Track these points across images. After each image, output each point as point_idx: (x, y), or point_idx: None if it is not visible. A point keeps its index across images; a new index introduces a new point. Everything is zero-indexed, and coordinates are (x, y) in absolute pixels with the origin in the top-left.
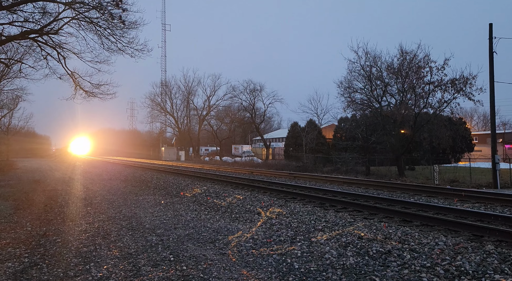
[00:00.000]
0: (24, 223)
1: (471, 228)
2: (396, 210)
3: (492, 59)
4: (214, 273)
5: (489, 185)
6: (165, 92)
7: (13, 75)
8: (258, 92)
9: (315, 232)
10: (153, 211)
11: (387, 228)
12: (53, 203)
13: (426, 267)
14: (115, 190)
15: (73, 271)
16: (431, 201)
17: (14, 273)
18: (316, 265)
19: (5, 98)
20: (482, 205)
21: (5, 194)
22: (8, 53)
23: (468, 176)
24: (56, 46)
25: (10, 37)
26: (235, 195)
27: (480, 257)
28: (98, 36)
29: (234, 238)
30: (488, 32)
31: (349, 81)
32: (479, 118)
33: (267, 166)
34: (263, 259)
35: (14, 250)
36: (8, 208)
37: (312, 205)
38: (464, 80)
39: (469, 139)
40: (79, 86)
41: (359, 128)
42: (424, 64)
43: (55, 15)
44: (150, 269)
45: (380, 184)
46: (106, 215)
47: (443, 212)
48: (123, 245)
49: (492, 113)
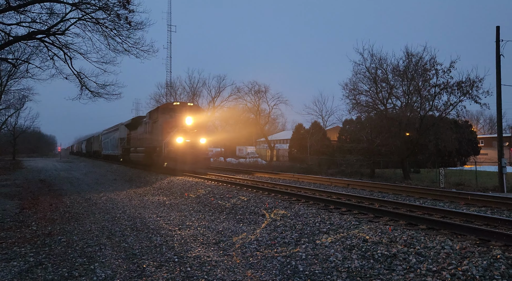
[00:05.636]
0: (30, 222)
1: (478, 232)
2: (402, 213)
3: (499, 62)
4: (218, 274)
5: (496, 189)
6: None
7: (20, 75)
8: (263, 93)
9: (320, 234)
10: (158, 211)
11: (393, 231)
12: (58, 203)
13: (432, 271)
14: (119, 190)
15: (78, 271)
16: (437, 204)
17: (19, 272)
18: (320, 267)
19: (12, 98)
20: (488, 209)
21: (11, 193)
22: (15, 53)
23: (474, 180)
24: (63, 47)
25: (17, 38)
26: (239, 196)
27: (487, 261)
28: (104, 36)
29: (238, 239)
30: (496, 35)
31: (354, 83)
32: (485, 121)
33: (271, 167)
34: (268, 261)
35: (20, 249)
36: (14, 207)
37: (316, 207)
38: (471, 83)
39: (475, 142)
40: (85, 86)
41: (364, 130)
42: (430, 67)
43: (62, 16)
44: (154, 269)
45: (385, 186)
46: (111, 215)
47: (449, 216)
48: (127, 246)
49: (499, 116)
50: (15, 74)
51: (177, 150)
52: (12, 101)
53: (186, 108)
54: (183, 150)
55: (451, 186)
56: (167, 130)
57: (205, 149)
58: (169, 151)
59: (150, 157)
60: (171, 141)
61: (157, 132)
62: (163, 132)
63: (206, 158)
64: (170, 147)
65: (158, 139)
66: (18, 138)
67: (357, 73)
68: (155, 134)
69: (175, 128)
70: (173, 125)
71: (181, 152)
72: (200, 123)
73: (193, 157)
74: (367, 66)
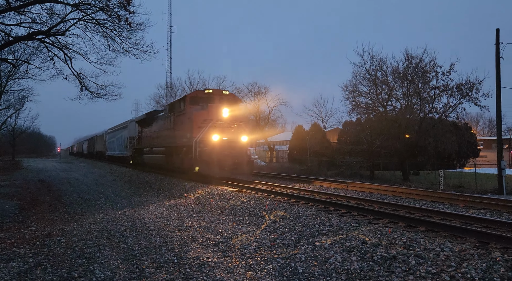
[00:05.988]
0: (29, 223)
1: (477, 235)
2: (401, 215)
3: (499, 65)
4: (217, 276)
5: (495, 191)
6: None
7: (20, 75)
8: (263, 95)
9: (319, 236)
10: (157, 212)
11: (392, 233)
12: (58, 203)
13: (431, 274)
14: (119, 191)
15: (77, 271)
16: (437, 206)
17: (18, 273)
18: (320, 269)
19: (12, 98)
20: (488, 211)
21: (11, 194)
22: (15, 54)
23: (474, 182)
24: (63, 47)
25: (17, 38)
26: (239, 197)
27: (486, 264)
28: (104, 37)
29: (237, 241)
30: (495, 38)
31: (354, 85)
32: (485, 123)
33: (270, 169)
34: (267, 263)
35: (19, 249)
36: (13, 208)
37: (316, 209)
38: (470, 85)
39: (475, 144)
40: (84, 87)
41: (364, 132)
42: (430, 69)
43: (62, 17)
44: (153, 271)
45: (385, 188)
46: (110, 216)
47: (448, 218)
48: (126, 247)
49: (499, 118)
50: (15, 75)
51: (212, 151)
52: (11, 102)
53: (222, 97)
54: (220, 151)
55: (450, 188)
56: (198, 125)
57: (246, 150)
58: (202, 152)
59: (173, 159)
60: (204, 139)
61: (184, 127)
62: (193, 128)
63: (250, 161)
64: (203, 147)
65: (186, 136)
66: (18, 138)
67: (357, 75)
68: (181, 130)
69: (208, 122)
70: (205, 119)
71: (217, 153)
72: (240, 116)
73: (233, 159)
74: (367, 68)
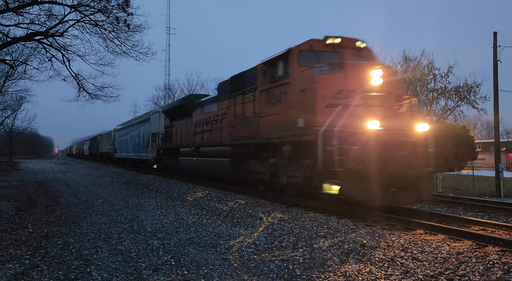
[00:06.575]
0: (26, 225)
1: (475, 237)
2: (399, 217)
3: (497, 68)
4: (215, 278)
5: (493, 194)
6: (168, 95)
7: (17, 76)
8: None
9: (317, 238)
10: (155, 214)
11: (390, 236)
12: (55, 205)
13: (429, 276)
14: (116, 192)
15: (74, 273)
16: (434, 209)
17: (14, 275)
18: (318, 271)
19: (9, 99)
20: (486, 214)
21: (7, 195)
22: (13, 55)
23: (471, 185)
24: (61, 48)
25: (15, 39)
26: (237, 199)
27: (484, 267)
28: (103, 39)
29: (235, 243)
30: (493, 41)
31: None
32: (483, 126)
33: None
34: (265, 265)
35: (15, 251)
36: (10, 209)
37: (314, 211)
38: (468, 88)
39: (472, 147)
40: (82, 88)
41: None
42: (428, 71)
43: (61, 18)
44: (151, 273)
45: None
46: (108, 217)
47: (446, 221)
48: (124, 248)
49: (496, 121)
50: (12, 75)
51: (372, 152)
52: (9, 103)
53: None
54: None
55: (448, 191)
56: (327, 102)
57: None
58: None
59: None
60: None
61: (290, 106)
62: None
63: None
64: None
65: (294, 124)
66: (15, 139)
67: None
68: (281, 113)
69: (348, 96)
70: (342, 89)
71: (383, 157)
72: (402, 87)
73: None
74: None
